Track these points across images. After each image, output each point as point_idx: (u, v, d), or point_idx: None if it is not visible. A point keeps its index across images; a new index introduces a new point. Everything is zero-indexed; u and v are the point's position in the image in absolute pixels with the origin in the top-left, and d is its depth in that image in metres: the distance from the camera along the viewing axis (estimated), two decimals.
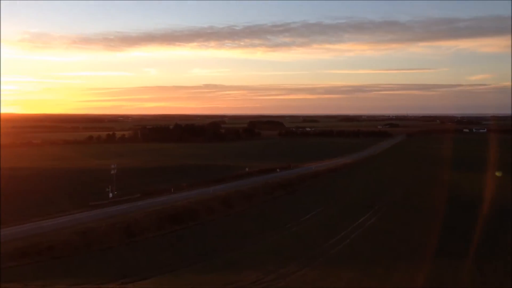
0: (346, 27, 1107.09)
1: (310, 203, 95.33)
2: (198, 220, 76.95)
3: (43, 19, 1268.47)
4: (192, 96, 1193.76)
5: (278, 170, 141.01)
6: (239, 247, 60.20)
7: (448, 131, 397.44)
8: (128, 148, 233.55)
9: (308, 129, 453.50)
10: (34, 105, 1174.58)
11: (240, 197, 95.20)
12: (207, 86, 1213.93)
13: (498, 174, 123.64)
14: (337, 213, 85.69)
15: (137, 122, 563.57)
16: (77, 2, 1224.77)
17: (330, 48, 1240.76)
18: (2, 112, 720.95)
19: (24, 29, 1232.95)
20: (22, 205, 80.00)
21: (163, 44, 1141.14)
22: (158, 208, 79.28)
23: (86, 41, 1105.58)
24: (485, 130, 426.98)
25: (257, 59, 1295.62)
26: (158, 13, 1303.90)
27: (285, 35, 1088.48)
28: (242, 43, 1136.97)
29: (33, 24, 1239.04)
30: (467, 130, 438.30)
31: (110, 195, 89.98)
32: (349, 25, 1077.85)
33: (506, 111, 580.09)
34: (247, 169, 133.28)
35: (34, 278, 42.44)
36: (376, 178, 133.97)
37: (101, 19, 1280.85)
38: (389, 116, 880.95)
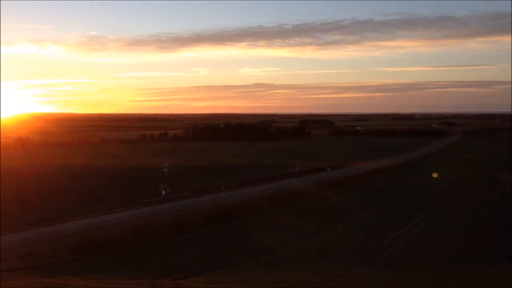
0: (398, 24, 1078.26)
1: (359, 203, 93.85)
2: (247, 218, 77.53)
3: (100, 22, 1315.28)
4: (242, 95, 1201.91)
5: (328, 169, 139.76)
6: (288, 246, 60.18)
7: (508, 130, 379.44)
8: (179, 146, 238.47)
9: (358, 128, 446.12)
10: (91, 105, 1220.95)
11: (289, 196, 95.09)
12: (256, 85, 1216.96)
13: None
14: (387, 214, 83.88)
15: (188, 121, 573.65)
16: (132, 5, 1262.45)
17: (381, 45, 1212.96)
18: (62, 112, 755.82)
19: (82, 32, 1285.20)
20: (78, 202, 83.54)
21: (213, 44, 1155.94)
22: (208, 206, 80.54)
23: (140, 42, 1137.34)
24: None
25: (306, 57, 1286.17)
26: (209, 14, 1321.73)
27: (335, 33, 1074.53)
28: (291, 42, 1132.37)
29: (91, 28, 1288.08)
30: None
31: (163, 192, 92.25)
32: (401, 22, 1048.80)
33: None
34: (296, 168, 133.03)
35: (90, 271, 44.17)
36: (430, 179, 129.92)
37: (154, 21, 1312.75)
38: (444, 114, 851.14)
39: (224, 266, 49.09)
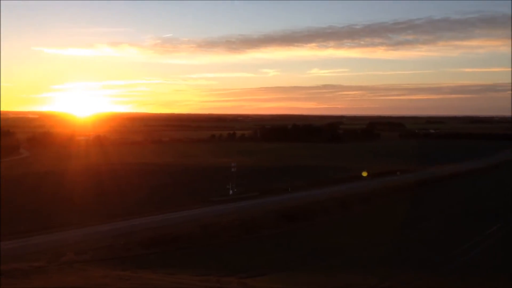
0: (476, 22, 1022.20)
1: (431, 209, 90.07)
2: (313, 220, 76.79)
3: (173, 25, 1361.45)
4: (310, 96, 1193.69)
5: (398, 173, 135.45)
6: (355, 249, 58.89)
7: None
8: (247, 147, 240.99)
9: (432, 131, 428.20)
10: (164, 105, 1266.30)
11: (357, 199, 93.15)
12: (325, 86, 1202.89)
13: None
14: (462, 220, 79.84)
15: (256, 121, 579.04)
16: (204, 8, 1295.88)
17: (458, 45, 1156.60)
18: (137, 111, 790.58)
19: (157, 35, 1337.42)
20: (151, 198, 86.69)
21: (282, 45, 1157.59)
22: (275, 206, 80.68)
23: (211, 44, 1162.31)
24: None
25: (377, 58, 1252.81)
26: (278, 15, 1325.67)
27: (408, 33, 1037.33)
28: (362, 42, 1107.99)
29: (165, 30, 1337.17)
30: None
31: (230, 192, 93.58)
32: (480, 20, 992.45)
33: None
34: (365, 171, 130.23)
35: (159, 266, 45.60)
36: (510, 185, 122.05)
37: (225, 23, 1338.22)
38: None
39: (290, 268, 48.84)
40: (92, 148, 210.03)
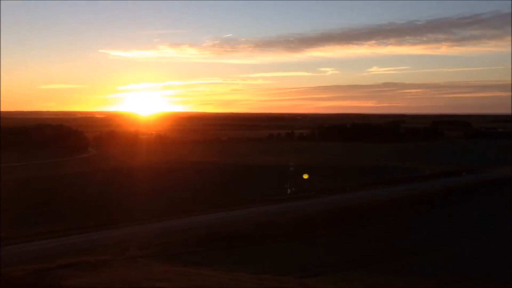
0: None
1: (497, 213, 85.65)
2: (372, 220, 75.26)
3: (231, 25, 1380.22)
4: (370, 95, 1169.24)
5: (463, 173, 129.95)
6: (416, 252, 57.20)
7: None
8: (305, 146, 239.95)
9: (500, 130, 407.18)
10: (223, 105, 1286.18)
11: (417, 201, 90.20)
12: (385, 84, 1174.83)
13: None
14: None
15: (314, 121, 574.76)
16: (262, 8, 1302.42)
17: None
18: (197, 111, 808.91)
19: (216, 36, 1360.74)
20: (208, 196, 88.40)
21: (340, 43, 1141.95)
22: (333, 206, 79.86)
23: (268, 44, 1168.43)
24: None
25: (440, 54, 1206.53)
26: (336, 13, 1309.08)
27: (473, 28, 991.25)
28: (424, 39, 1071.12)
29: (223, 31, 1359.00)
30: None
31: (288, 191, 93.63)
32: None
33: None
34: (427, 171, 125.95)
35: (218, 263, 46.37)
36: None
37: (283, 22, 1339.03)
38: None
39: (345, 268, 48.18)
40: (153, 147, 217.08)
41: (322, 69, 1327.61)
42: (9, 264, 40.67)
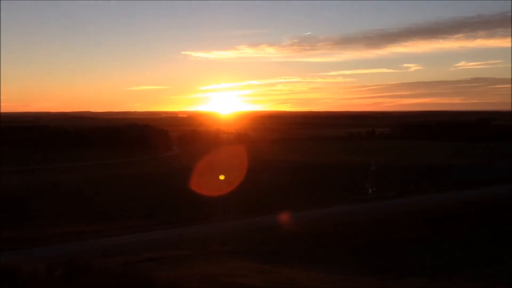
0: None
1: None
2: (457, 224, 71.33)
3: (310, 23, 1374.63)
4: (457, 91, 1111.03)
5: None
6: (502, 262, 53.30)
7: None
8: (387, 145, 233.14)
9: None
10: (303, 103, 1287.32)
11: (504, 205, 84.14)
12: (475, 79, 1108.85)
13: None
14: None
15: (397, 119, 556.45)
16: (341, 4, 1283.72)
17: None
18: (276, 110, 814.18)
19: (294, 34, 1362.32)
20: (286, 195, 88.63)
21: (424, 38, 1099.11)
22: (415, 207, 76.86)
23: (348, 41, 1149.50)
24: None
25: None
26: (419, 6, 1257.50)
27: None
28: None
29: (302, 29, 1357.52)
30: None
31: (369, 191, 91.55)
32: None
33: None
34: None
35: (297, 262, 46.30)
36: None
37: (362, 18, 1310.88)
38: None
39: (428, 273, 46.00)
40: (233, 146, 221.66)
41: (405, 65, 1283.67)
42: (100, 256, 43.37)
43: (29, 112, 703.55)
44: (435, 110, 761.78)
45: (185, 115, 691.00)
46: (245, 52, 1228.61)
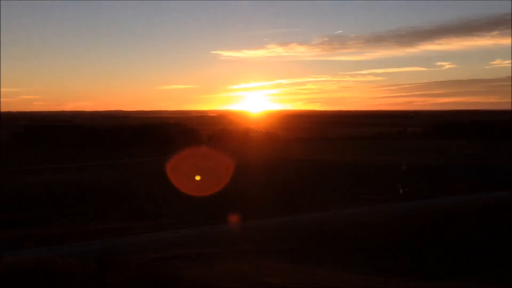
0: None
1: None
2: (484, 224, 69.64)
3: (340, 22, 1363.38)
4: (492, 89, 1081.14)
5: None
6: None
7: None
8: (419, 144, 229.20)
9: None
10: (333, 102, 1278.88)
11: None
12: (510, 78, 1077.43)
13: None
14: None
15: (430, 118, 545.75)
16: (372, 2, 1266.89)
17: None
18: (306, 109, 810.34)
19: (324, 33, 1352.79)
20: (316, 194, 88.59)
21: (458, 35, 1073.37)
22: (445, 207, 75.59)
23: (379, 39, 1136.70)
24: None
25: None
26: (453, 3, 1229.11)
27: None
28: None
29: (332, 28, 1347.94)
30: None
31: (400, 191, 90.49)
32: None
33: None
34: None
35: (322, 261, 46.33)
36: None
37: (394, 16, 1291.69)
38: None
39: (455, 276, 45.22)
40: (263, 144, 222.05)
41: (438, 63, 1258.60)
42: (129, 253, 44.47)
43: (64, 111, 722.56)
44: (469, 109, 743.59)
45: (215, 114, 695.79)
46: (275, 51, 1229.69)
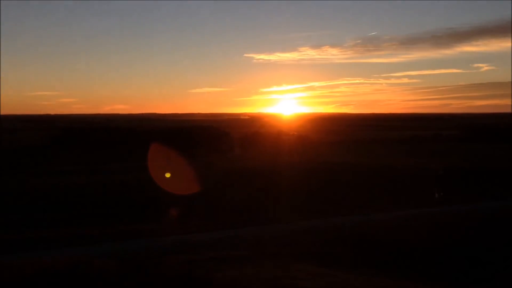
0: None
1: None
2: None
3: (374, 24, 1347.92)
4: None
5: None
6: None
7: None
8: (454, 148, 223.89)
9: None
10: (366, 105, 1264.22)
11: None
12: None
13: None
14: None
15: (467, 120, 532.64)
16: (407, 3, 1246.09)
17: None
18: (338, 112, 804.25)
19: (358, 35, 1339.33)
20: (347, 198, 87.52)
21: (497, 36, 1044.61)
22: (481, 214, 73.33)
23: (414, 40, 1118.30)
24: None
25: None
26: (491, 4, 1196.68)
27: None
28: None
29: (365, 30, 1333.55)
30: None
31: (436, 195, 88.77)
32: None
33: None
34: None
35: (353, 266, 45.61)
36: None
37: (430, 17, 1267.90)
38: None
39: (495, 284, 43.83)
40: (294, 147, 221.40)
41: (476, 65, 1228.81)
42: (162, 254, 44.94)
43: (100, 114, 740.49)
44: (508, 112, 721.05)
45: (247, 117, 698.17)
46: (307, 53, 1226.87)
